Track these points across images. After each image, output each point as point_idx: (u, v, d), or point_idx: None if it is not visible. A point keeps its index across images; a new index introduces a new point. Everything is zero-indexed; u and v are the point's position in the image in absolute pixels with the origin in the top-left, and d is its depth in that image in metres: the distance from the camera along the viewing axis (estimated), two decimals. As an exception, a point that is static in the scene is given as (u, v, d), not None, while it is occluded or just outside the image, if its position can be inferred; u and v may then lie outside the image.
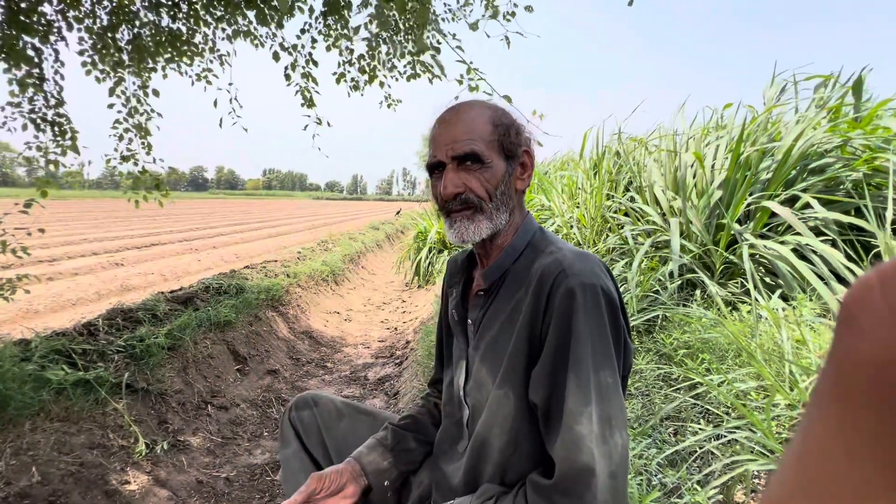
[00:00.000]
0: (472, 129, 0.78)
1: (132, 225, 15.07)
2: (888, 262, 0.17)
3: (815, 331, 1.72)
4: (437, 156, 0.79)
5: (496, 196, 0.79)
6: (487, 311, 0.82)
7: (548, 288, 0.71)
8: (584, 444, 0.64)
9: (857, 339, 0.17)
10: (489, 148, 0.78)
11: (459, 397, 0.86)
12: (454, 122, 0.79)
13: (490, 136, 0.78)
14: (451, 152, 0.78)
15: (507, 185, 0.80)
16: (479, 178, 0.78)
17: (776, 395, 1.37)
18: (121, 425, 1.92)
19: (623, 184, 3.67)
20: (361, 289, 6.20)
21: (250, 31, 3.01)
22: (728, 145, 3.12)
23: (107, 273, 6.43)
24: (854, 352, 0.17)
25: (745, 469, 1.19)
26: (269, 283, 3.99)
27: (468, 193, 0.78)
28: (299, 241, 10.14)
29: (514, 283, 0.79)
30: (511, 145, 0.80)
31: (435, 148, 0.80)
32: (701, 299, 2.32)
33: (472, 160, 0.77)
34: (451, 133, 0.78)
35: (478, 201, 0.78)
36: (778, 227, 2.54)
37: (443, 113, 0.83)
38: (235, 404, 2.53)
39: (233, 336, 3.04)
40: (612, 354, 0.68)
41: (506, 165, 0.80)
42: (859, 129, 2.70)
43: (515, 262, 0.81)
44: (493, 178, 0.78)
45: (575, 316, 0.67)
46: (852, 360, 0.17)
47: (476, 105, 0.82)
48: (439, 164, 0.80)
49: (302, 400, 1.10)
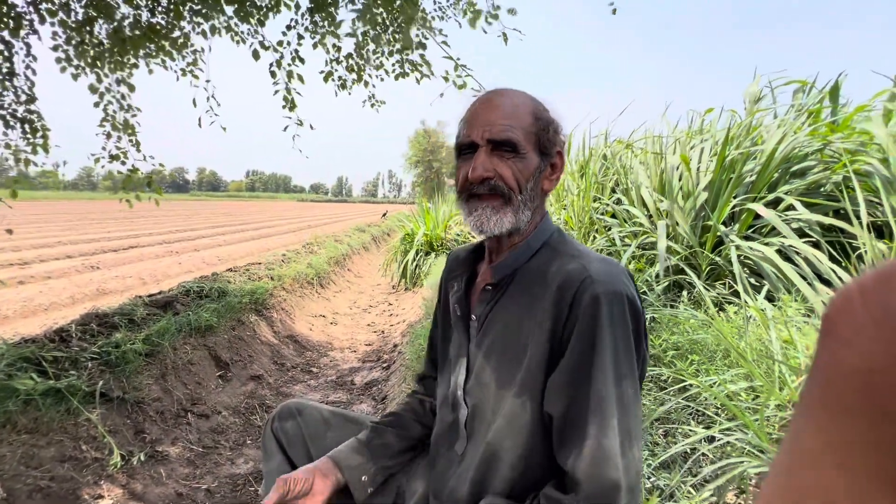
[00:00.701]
0: (514, 115, 0.74)
1: (109, 227, 14.64)
2: (868, 272, 0.17)
3: (801, 331, 1.74)
4: (472, 136, 0.75)
5: (525, 189, 0.75)
6: (494, 307, 0.78)
7: (571, 294, 0.68)
8: (612, 459, 0.62)
9: (840, 348, 0.17)
10: (527, 139, 0.74)
11: (457, 397, 0.83)
12: (496, 104, 0.76)
13: (530, 127, 0.75)
14: (487, 134, 0.73)
15: (536, 181, 0.77)
16: (511, 167, 0.74)
17: (768, 395, 1.37)
18: (94, 436, 1.83)
19: (610, 186, 3.69)
20: (347, 291, 6.12)
21: (231, 27, 2.93)
22: (712, 148, 3.17)
23: (81, 277, 6.21)
24: (838, 361, 0.17)
25: (739, 471, 1.18)
26: (253, 286, 3.89)
27: (497, 181, 0.74)
28: (283, 244, 9.98)
29: (529, 283, 0.75)
30: (547, 142, 0.77)
31: (469, 127, 0.76)
32: (688, 300, 2.33)
33: (508, 147, 0.73)
34: (491, 115, 0.74)
35: (507, 191, 0.74)
36: (762, 228, 2.58)
37: (486, 93, 0.79)
38: (217, 412, 2.45)
39: (214, 341, 2.94)
40: (634, 365, 0.67)
41: (539, 161, 0.76)
42: (838, 133, 2.77)
43: (529, 260, 0.78)
44: (526, 170, 0.75)
45: (600, 324, 0.65)
46: (836, 370, 0.17)
47: (520, 93, 0.78)
48: (471, 145, 0.75)
49: (286, 409, 1.05)
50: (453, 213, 6.45)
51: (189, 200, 71.36)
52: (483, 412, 0.77)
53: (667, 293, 2.50)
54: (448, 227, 6.21)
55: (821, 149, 2.77)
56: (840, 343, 0.17)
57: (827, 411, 0.17)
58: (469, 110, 0.78)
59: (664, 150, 3.36)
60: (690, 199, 2.79)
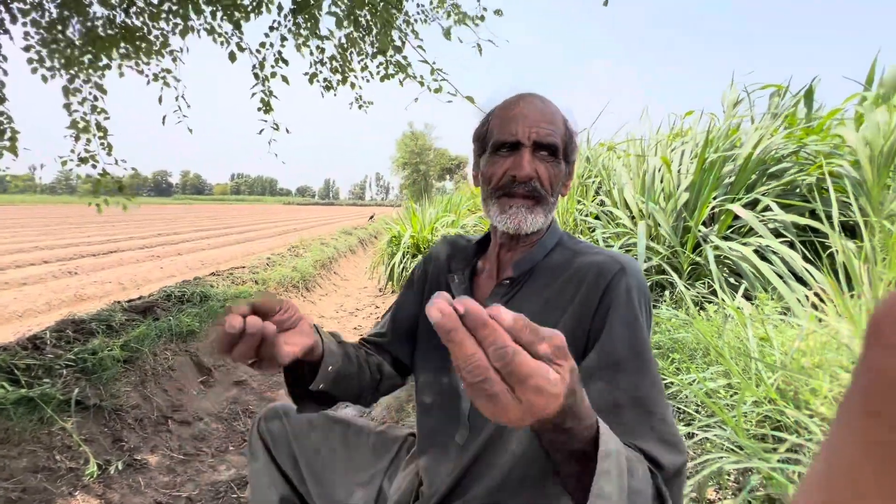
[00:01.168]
0: (555, 121, 0.77)
1: (88, 231, 14.30)
2: None
3: (777, 328, 1.78)
4: (518, 134, 0.75)
5: (556, 193, 0.79)
6: (510, 301, 0.79)
7: (605, 282, 0.71)
8: (680, 437, 0.64)
9: (886, 355, 0.17)
10: (561, 146, 0.78)
11: (457, 388, 0.82)
12: (540, 108, 0.77)
13: (563, 135, 0.78)
14: (535, 136, 0.75)
15: (560, 187, 0.81)
16: (549, 171, 0.77)
17: (745, 392, 1.40)
18: (69, 445, 1.78)
19: (593, 188, 3.74)
20: (334, 295, 6.07)
21: (214, 28, 2.89)
22: (693, 151, 3.23)
23: (58, 282, 6.04)
24: (883, 368, 0.17)
25: (717, 466, 1.20)
26: (237, 290, 3.84)
27: (537, 182, 0.76)
28: (269, 247, 9.86)
29: (548, 278, 0.78)
30: (571, 151, 0.81)
31: (514, 125, 0.76)
32: (670, 300, 2.37)
33: (550, 151, 0.76)
34: (536, 117, 0.76)
35: (543, 193, 0.77)
36: (741, 228, 2.63)
37: (524, 95, 0.81)
38: (199, 418, 2.40)
39: (196, 346, 2.89)
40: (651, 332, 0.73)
41: (565, 168, 0.80)
42: (813, 136, 2.85)
43: (545, 257, 0.81)
44: (558, 175, 0.79)
45: (636, 312, 0.69)
46: (882, 377, 0.17)
47: (552, 101, 0.81)
48: (514, 144, 0.76)
49: (272, 411, 1.04)
50: (440, 216, 6.45)
51: (172, 204, 70.09)
52: None
53: (651, 292, 2.54)
54: (435, 230, 6.21)
55: (796, 151, 2.85)
56: (887, 349, 0.17)
57: (868, 420, 0.17)
58: (510, 108, 0.79)
59: (646, 152, 3.41)
60: (671, 200, 2.84)
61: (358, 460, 0.98)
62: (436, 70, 2.71)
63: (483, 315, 0.37)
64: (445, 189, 28.14)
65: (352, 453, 0.99)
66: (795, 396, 1.41)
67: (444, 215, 6.37)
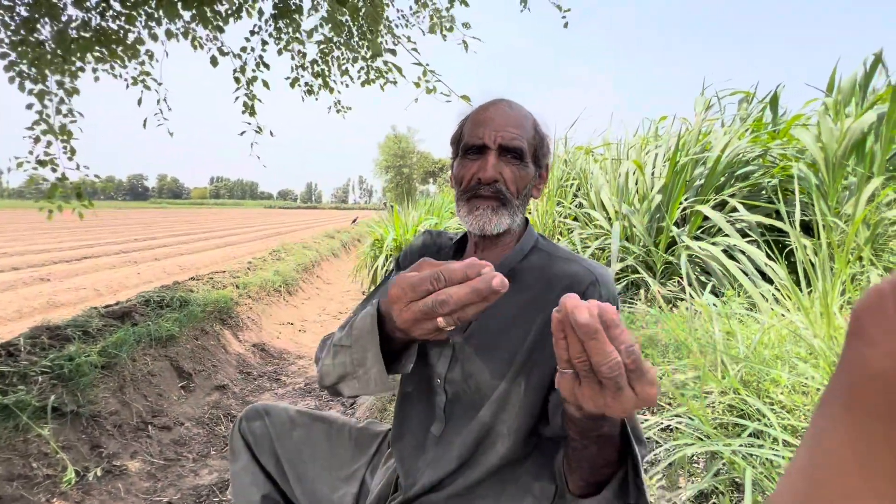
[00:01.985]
0: (523, 125, 0.81)
1: (61, 237, 13.85)
2: None
3: (743, 323, 1.87)
4: (484, 138, 0.79)
5: (522, 195, 0.82)
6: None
7: (580, 291, 0.76)
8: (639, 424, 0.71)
9: (867, 348, 0.17)
10: (529, 149, 0.81)
11: (434, 384, 0.85)
12: (507, 113, 0.81)
13: (532, 139, 0.82)
14: (500, 140, 0.79)
15: (529, 189, 0.84)
16: (515, 173, 0.80)
17: (708, 382, 1.47)
18: (46, 453, 1.75)
19: (571, 190, 3.83)
20: (316, 298, 6.04)
21: (189, 31, 2.87)
22: (665, 154, 3.35)
23: (30, 289, 5.86)
24: (865, 362, 0.17)
25: (683, 453, 1.27)
26: (217, 294, 3.80)
27: (502, 184, 0.80)
28: (250, 252, 9.73)
29: (526, 281, 0.81)
30: (541, 155, 0.84)
31: (482, 129, 0.80)
32: (644, 298, 2.45)
33: (515, 155, 0.79)
34: (503, 121, 0.80)
35: (508, 195, 0.80)
36: (710, 228, 2.74)
37: (495, 100, 0.84)
38: (179, 423, 2.38)
39: (176, 351, 2.86)
40: None
41: (534, 171, 0.83)
42: (777, 140, 2.99)
43: (523, 260, 0.84)
44: (525, 178, 0.81)
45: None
46: (863, 371, 0.17)
47: (523, 107, 0.85)
48: (482, 148, 0.80)
49: (253, 411, 1.05)
50: (422, 218, 6.49)
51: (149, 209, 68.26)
52: (469, 399, 0.81)
53: (625, 292, 2.62)
54: (418, 232, 6.24)
55: (762, 154, 2.98)
56: (868, 343, 0.17)
57: (850, 413, 0.17)
58: (480, 113, 0.83)
59: (621, 155, 3.52)
60: (646, 201, 2.95)
61: (340, 456, 1.00)
62: (429, 71, 2.73)
63: (615, 317, 0.44)
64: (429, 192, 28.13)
65: (334, 449, 1.01)
66: (757, 386, 1.49)
67: (427, 218, 6.40)
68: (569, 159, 4.06)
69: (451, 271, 0.52)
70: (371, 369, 0.65)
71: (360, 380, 0.67)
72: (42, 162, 2.58)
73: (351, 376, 0.69)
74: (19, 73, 2.57)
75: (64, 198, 2.54)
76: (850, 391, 0.17)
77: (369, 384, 0.66)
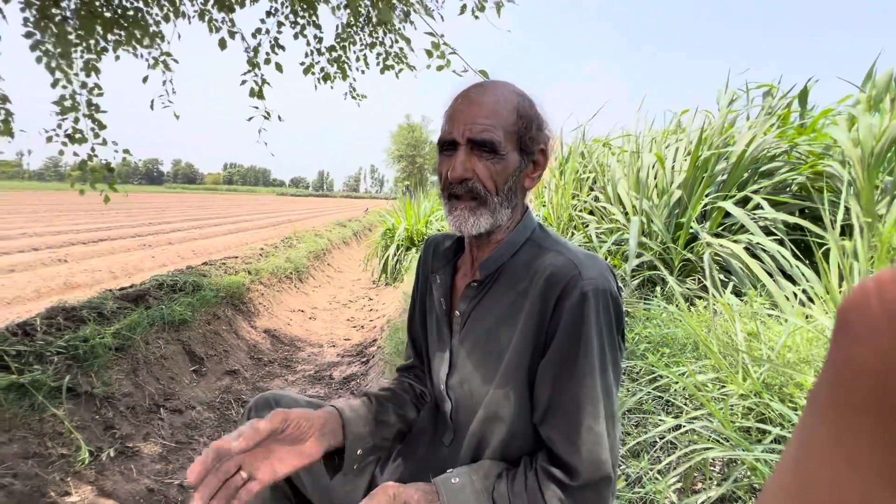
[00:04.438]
0: (496, 113, 0.73)
1: (78, 219, 14.10)
2: (885, 269, 0.17)
3: (765, 324, 1.81)
4: (453, 133, 0.74)
5: (502, 191, 0.75)
6: (479, 303, 0.79)
7: (559, 289, 0.69)
8: (604, 442, 0.67)
9: (853, 345, 0.17)
10: (507, 139, 0.73)
11: (441, 391, 0.84)
12: (478, 101, 0.74)
13: (511, 126, 0.74)
14: (468, 133, 0.72)
15: (515, 180, 0.76)
16: (489, 168, 0.73)
17: (731, 385, 1.43)
18: (60, 432, 1.77)
19: (588, 183, 3.75)
20: (327, 286, 6.06)
21: (205, 11, 2.83)
22: (686, 148, 3.26)
23: (48, 270, 5.97)
24: (851, 358, 0.17)
25: (703, 457, 1.23)
26: (229, 280, 3.82)
27: (475, 182, 0.73)
28: (262, 238, 9.80)
29: (513, 279, 0.76)
30: (529, 140, 0.76)
31: (451, 123, 0.75)
32: (661, 295, 2.40)
33: (487, 148, 0.72)
34: (472, 112, 0.73)
35: (483, 193, 0.74)
36: (732, 226, 2.66)
37: (469, 87, 0.77)
38: (191, 407, 2.40)
39: (188, 335, 2.88)
40: (616, 356, 0.71)
41: (519, 160, 0.75)
42: (804, 136, 2.88)
43: (513, 256, 0.78)
44: (504, 171, 0.74)
45: (588, 320, 0.67)
46: (850, 367, 0.17)
47: (505, 88, 0.77)
48: (452, 143, 0.75)
49: (262, 400, 1.04)
50: (434, 209, 6.45)
51: (164, 193, 69.23)
52: (467, 405, 0.79)
53: (641, 288, 2.57)
54: (429, 223, 6.20)
55: (788, 150, 2.88)
56: (854, 339, 0.17)
57: (837, 409, 0.17)
58: (452, 104, 0.77)
59: (640, 148, 3.43)
60: (665, 196, 2.87)
61: None
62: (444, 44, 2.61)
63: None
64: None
65: None
66: (780, 390, 1.44)
67: (439, 208, 6.36)
68: (586, 152, 3.97)
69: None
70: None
71: None
72: (72, 137, 2.59)
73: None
74: (45, 53, 2.57)
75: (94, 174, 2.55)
76: (837, 388, 0.17)
77: None
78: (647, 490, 1.24)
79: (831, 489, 0.17)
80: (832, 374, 0.18)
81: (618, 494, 1.21)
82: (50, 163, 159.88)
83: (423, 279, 0.96)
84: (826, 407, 0.18)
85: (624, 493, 1.25)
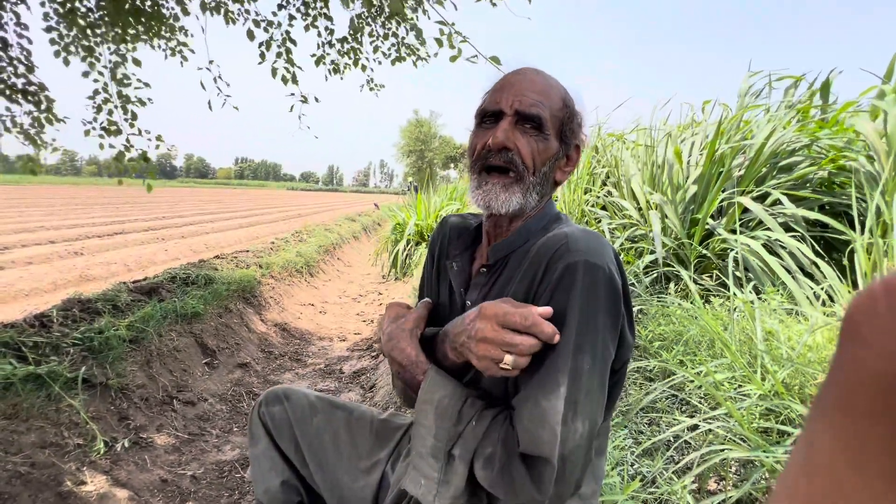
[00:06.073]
0: (547, 93, 0.72)
1: (93, 213, 14.35)
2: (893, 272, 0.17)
3: (784, 323, 1.77)
4: (500, 103, 0.72)
5: (540, 172, 0.73)
6: (489, 292, 0.76)
7: (546, 259, 0.66)
8: (549, 421, 0.60)
9: (861, 349, 0.17)
10: (552, 121, 0.72)
11: None
12: (531, 78, 0.73)
13: (557, 111, 0.73)
14: (518, 105, 0.70)
15: (551, 167, 0.74)
16: (532, 144, 0.71)
17: (749, 384, 1.39)
18: (76, 422, 1.80)
19: (601, 178, 3.70)
20: (337, 280, 6.09)
21: (220, 4, 2.83)
22: (703, 142, 3.19)
23: (64, 262, 6.08)
24: (858, 363, 0.17)
25: (722, 458, 1.21)
26: (241, 273, 3.85)
27: (515, 155, 0.71)
28: (273, 232, 9.88)
29: (519, 265, 0.74)
30: (570, 131, 0.75)
31: (499, 93, 0.73)
32: (675, 292, 2.35)
33: (534, 124, 0.71)
34: (524, 86, 0.72)
35: (521, 168, 0.71)
36: (749, 222, 2.60)
37: (521, 67, 0.76)
38: (203, 399, 2.43)
39: (201, 328, 2.91)
40: (598, 340, 0.63)
41: (558, 147, 0.74)
42: (826, 130, 2.80)
43: (525, 243, 0.76)
44: (545, 152, 0.72)
45: (570, 292, 0.63)
46: (857, 371, 0.17)
47: (553, 77, 0.76)
48: (497, 114, 0.72)
49: (273, 395, 1.04)
50: (444, 204, 6.42)
51: (176, 187, 70.13)
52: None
53: (655, 285, 2.52)
54: (439, 218, 6.19)
55: (808, 145, 2.80)
56: (861, 344, 0.17)
57: (844, 413, 0.17)
58: (502, 79, 0.76)
59: (655, 142, 3.36)
60: (680, 191, 2.81)
61: (361, 446, 0.98)
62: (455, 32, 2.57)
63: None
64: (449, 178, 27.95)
65: (354, 439, 0.98)
66: (801, 391, 1.41)
67: (449, 203, 6.34)
68: (600, 146, 3.91)
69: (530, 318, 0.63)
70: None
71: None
72: (108, 129, 2.64)
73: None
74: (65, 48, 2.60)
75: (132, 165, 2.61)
76: (844, 392, 0.17)
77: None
78: (662, 491, 1.22)
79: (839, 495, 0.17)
80: (839, 379, 0.18)
81: (633, 495, 1.19)
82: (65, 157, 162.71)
83: (436, 260, 0.91)
84: (832, 411, 0.18)
85: (639, 494, 1.22)
